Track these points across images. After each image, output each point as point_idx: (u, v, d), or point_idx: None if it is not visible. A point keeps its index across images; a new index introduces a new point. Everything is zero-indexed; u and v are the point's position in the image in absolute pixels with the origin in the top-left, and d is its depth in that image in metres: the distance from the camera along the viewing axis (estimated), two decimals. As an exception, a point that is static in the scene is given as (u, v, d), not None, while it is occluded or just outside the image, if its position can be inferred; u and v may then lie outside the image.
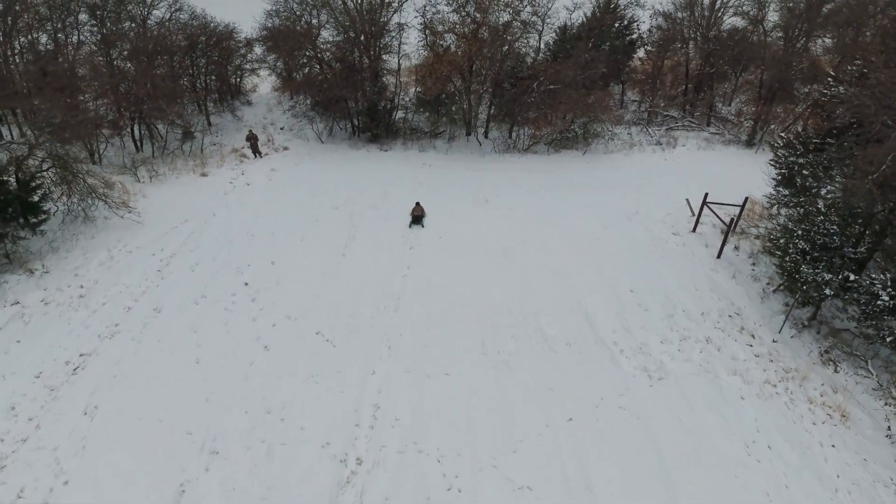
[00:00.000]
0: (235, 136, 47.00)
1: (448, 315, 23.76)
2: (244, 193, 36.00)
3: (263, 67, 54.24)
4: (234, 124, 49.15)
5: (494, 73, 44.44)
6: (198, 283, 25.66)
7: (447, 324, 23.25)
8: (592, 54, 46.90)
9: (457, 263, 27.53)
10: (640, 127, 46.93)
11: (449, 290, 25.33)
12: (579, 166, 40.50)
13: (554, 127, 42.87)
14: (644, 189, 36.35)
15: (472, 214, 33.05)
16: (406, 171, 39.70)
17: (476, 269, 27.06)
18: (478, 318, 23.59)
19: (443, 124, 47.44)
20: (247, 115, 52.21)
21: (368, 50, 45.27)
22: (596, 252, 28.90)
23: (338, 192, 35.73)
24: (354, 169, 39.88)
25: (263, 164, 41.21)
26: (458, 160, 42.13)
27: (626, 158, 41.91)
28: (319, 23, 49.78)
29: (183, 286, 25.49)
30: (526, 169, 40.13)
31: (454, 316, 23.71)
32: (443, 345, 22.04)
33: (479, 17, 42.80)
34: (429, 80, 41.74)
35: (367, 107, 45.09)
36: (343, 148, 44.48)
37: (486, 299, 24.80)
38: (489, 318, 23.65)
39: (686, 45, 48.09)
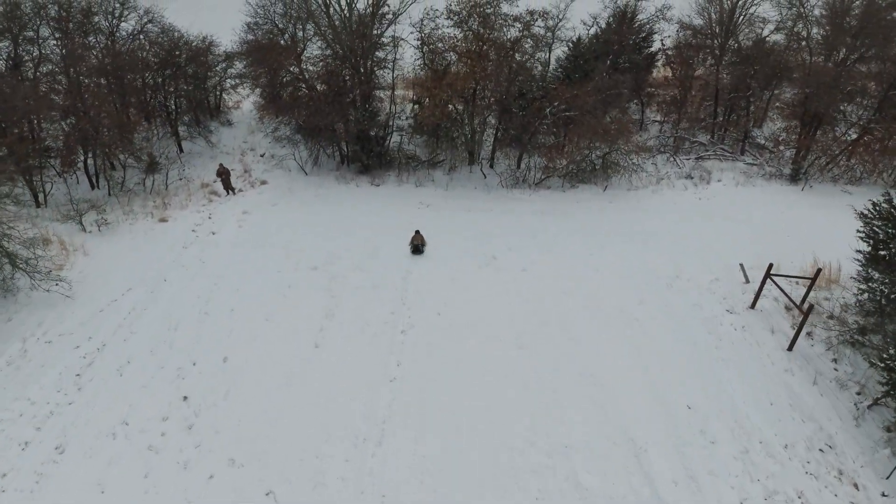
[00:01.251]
0: (209, 164, 40.46)
1: (447, 453, 17.31)
2: (207, 247, 29.47)
3: (244, 85, 47.47)
4: (209, 151, 42.54)
5: (501, 95, 37.74)
6: (121, 400, 19.18)
7: (445, 469, 16.79)
8: (612, 75, 40.21)
9: (460, 363, 21.02)
10: (667, 155, 40.24)
11: (449, 410, 18.86)
12: (600, 207, 33.90)
13: (569, 158, 36.21)
14: (681, 240, 29.78)
15: (478, 278, 26.54)
16: (400, 213, 33.13)
17: (485, 372, 20.56)
18: (489, 459, 17.12)
19: (442, 152, 40.80)
20: (225, 138, 45.60)
21: (358, 69, 38.57)
22: (635, 340, 22.39)
23: (318, 246, 29.18)
24: (340, 211, 33.32)
25: (235, 203, 34.64)
26: (461, 198, 35.56)
27: (653, 196, 35.30)
28: (305, 36, 42.95)
29: (102, 404, 19.02)
30: (539, 211, 33.55)
31: (456, 454, 17.26)
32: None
33: (485, 33, 36.09)
34: (426, 108, 35.07)
35: (357, 134, 38.42)
36: (329, 181, 37.90)
37: (499, 426, 18.34)
38: (504, 459, 17.17)
39: (717, 63, 41.25)
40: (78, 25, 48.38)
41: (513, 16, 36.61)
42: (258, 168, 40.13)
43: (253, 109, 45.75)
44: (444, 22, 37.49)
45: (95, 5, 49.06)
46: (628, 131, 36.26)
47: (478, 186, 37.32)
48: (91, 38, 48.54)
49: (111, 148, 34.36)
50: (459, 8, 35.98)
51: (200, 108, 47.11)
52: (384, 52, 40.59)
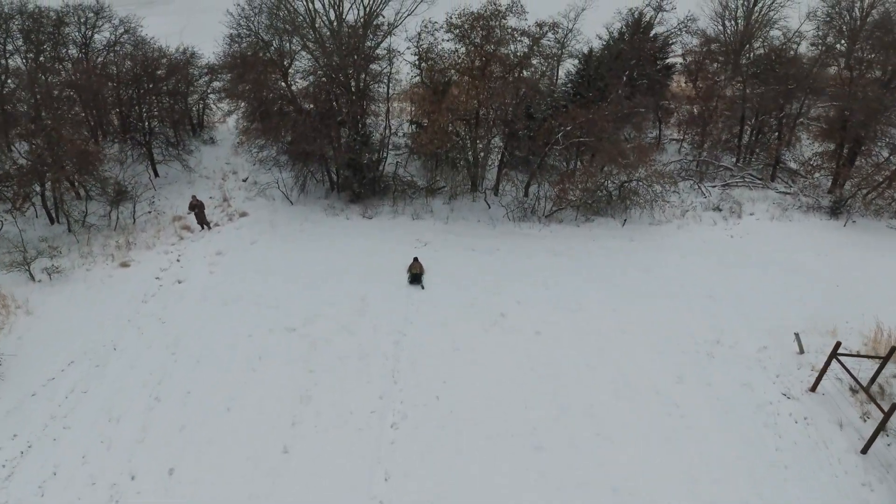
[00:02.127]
0: (185, 191, 36.15)
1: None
2: (170, 301, 25.16)
3: (225, 103, 42.99)
4: (186, 175, 38.13)
5: (507, 117, 33.34)
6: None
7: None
8: (628, 92, 35.77)
9: (462, 474, 16.71)
10: (691, 182, 35.83)
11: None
12: (620, 246, 29.55)
13: (582, 186, 31.79)
14: (718, 292, 25.48)
15: (484, 344, 22.25)
16: (394, 253, 28.80)
17: (494, 489, 16.21)
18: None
19: (442, 177, 36.42)
20: (206, 159, 41.27)
21: (348, 87, 34.15)
22: (677, 437, 18.13)
23: (298, 299, 24.90)
24: (326, 251, 29.00)
25: (209, 241, 30.29)
26: (463, 234, 31.18)
27: (679, 233, 30.93)
28: (292, 49, 38.48)
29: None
30: (551, 250, 29.19)
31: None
32: None
33: (489, 49, 31.65)
34: (424, 135, 30.68)
35: (348, 160, 34.04)
36: (317, 212, 33.52)
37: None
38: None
39: (743, 78, 36.73)
40: (48, 37, 44.06)
41: (520, 30, 32.12)
42: (239, 196, 35.74)
43: (237, 127, 41.19)
44: (443, 35, 33.09)
45: (68, 15, 44.72)
46: (649, 158, 31.80)
47: (481, 219, 32.95)
48: (62, 49, 44.22)
49: (72, 178, 30.02)
50: (461, 21, 31.55)
51: (181, 126, 42.79)
52: (379, 66, 36.21)
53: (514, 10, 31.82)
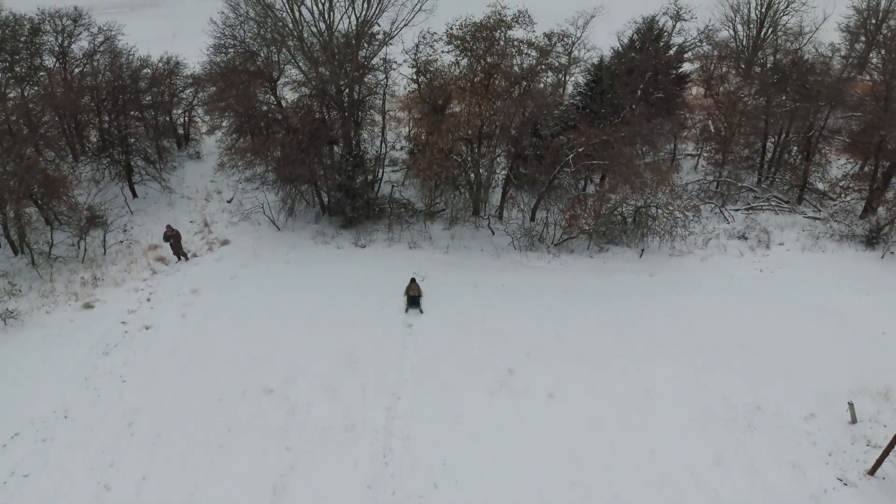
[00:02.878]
0: (164, 214, 33.10)
1: None
2: (134, 353, 22.10)
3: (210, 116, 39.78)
4: (166, 196, 34.97)
5: (513, 135, 30.19)
6: None
7: None
8: (643, 108, 32.58)
9: None
10: (712, 206, 32.65)
11: None
12: (638, 282, 26.45)
13: (596, 212, 28.61)
14: (753, 345, 22.40)
15: (489, 413, 19.19)
16: (390, 289, 25.85)
17: None
18: None
19: (441, 199, 33.23)
20: (189, 176, 38.13)
21: (340, 104, 30.97)
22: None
23: (279, 351, 21.83)
24: (313, 288, 25.93)
25: (185, 277, 27.18)
26: (464, 266, 28.09)
27: (703, 266, 27.81)
28: (281, 59, 35.07)
29: None
30: (562, 288, 26.09)
31: None
32: None
33: (493, 61, 28.45)
34: (422, 159, 27.51)
35: (340, 183, 30.92)
36: (305, 240, 30.39)
37: None
38: None
39: (768, 95, 33.42)
40: (24, 45, 40.78)
41: (527, 41, 28.85)
42: (221, 220, 32.58)
43: (219, 145, 37.90)
44: (442, 47, 29.87)
45: (44, 23, 41.42)
46: (668, 181, 28.60)
47: (485, 248, 29.80)
48: (37, 59, 40.96)
49: (39, 203, 26.97)
50: (462, 32, 28.32)
51: (165, 140, 39.65)
52: (374, 77, 33.05)
53: (521, 20, 28.56)
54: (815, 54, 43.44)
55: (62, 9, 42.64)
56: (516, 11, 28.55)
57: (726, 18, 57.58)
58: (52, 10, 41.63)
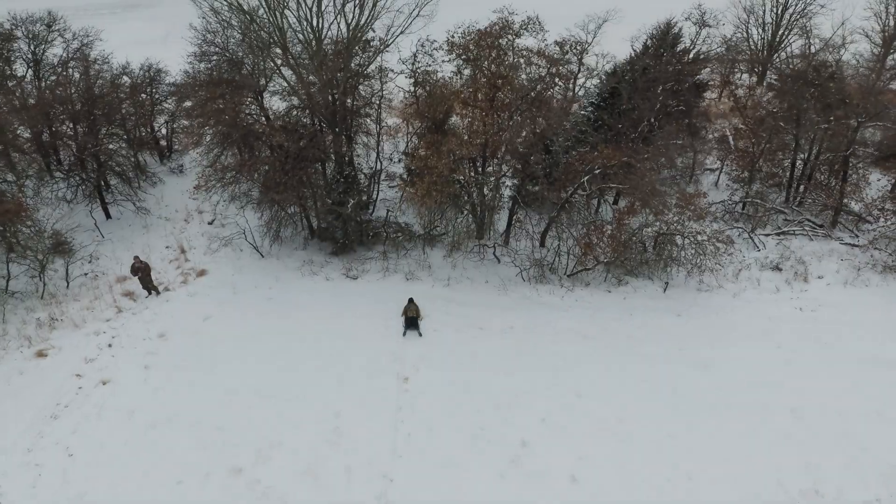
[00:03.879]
0: (138, 239, 29.93)
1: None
2: (86, 418, 18.86)
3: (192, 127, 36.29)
4: (141, 219, 31.59)
5: (521, 154, 26.80)
6: None
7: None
8: (662, 121, 29.21)
9: None
10: (739, 230, 29.24)
11: None
12: (665, 326, 23.09)
13: (615, 244, 25.22)
14: (803, 408, 19.09)
15: (499, 501, 15.68)
16: (384, 331, 22.52)
17: None
18: None
19: (442, 221, 29.80)
20: (170, 193, 34.82)
21: (332, 120, 27.59)
22: None
23: (253, 417, 18.48)
24: (296, 331, 22.65)
25: (153, 317, 23.86)
26: (467, 302, 24.76)
27: (736, 305, 24.43)
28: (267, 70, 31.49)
29: None
30: (578, 331, 22.75)
31: None
32: None
33: (498, 72, 25.02)
34: (420, 185, 24.10)
35: (330, 206, 27.57)
36: (290, 270, 27.05)
37: None
38: None
39: (799, 109, 29.86)
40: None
41: (537, 51, 25.40)
42: (200, 246, 29.22)
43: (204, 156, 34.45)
44: (443, 56, 26.49)
45: (17, 29, 38.00)
46: (697, 207, 25.20)
47: (490, 279, 26.45)
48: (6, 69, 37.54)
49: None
50: (464, 40, 24.91)
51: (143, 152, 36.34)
52: (369, 87, 29.75)
53: (530, 27, 25.13)
54: (838, 59, 40.05)
55: (35, 13, 39.26)
56: (525, 18, 25.11)
57: (739, 21, 54.17)
58: (24, 14, 38.25)
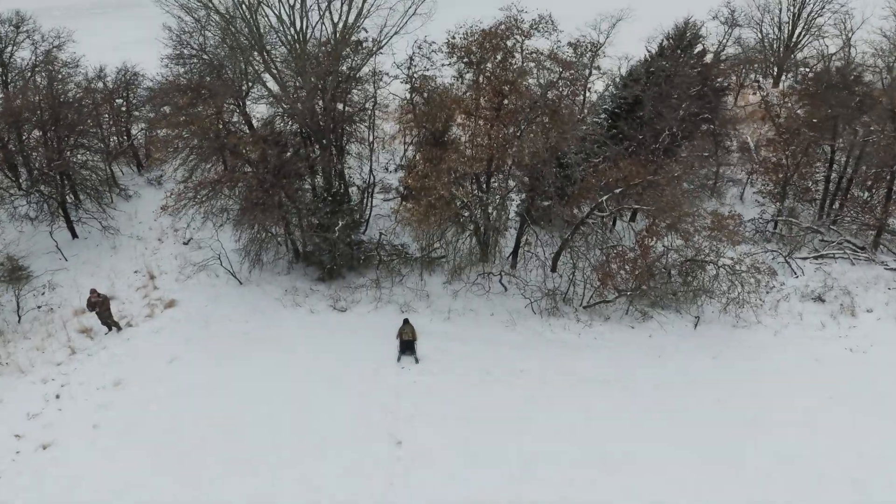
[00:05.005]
0: (105, 262, 26.64)
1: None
2: (23, 488, 15.81)
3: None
4: (108, 240, 28.31)
5: (530, 168, 23.53)
6: None
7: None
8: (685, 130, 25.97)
9: None
10: (774, 254, 25.96)
11: None
12: (699, 372, 19.93)
13: (640, 272, 21.94)
14: (867, 478, 15.76)
15: None
16: (372, 380, 19.09)
17: None
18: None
19: (442, 245, 26.44)
20: (144, 208, 31.52)
21: (318, 132, 24.36)
22: None
23: (213, 499, 15.04)
24: (272, 382, 19.31)
25: (111, 358, 20.71)
26: (471, 339, 21.59)
27: (778, 345, 21.27)
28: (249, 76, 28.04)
29: None
30: (599, 378, 19.56)
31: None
32: None
33: (504, 77, 21.74)
34: (417, 209, 20.82)
35: (317, 226, 24.32)
36: (271, 300, 23.80)
37: None
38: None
39: (835, 120, 26.52)
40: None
41: (549, 54, 22.09)
42: (172, 270, 25.98)
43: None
44: (442, 59, 23.23)
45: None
46: (732, 233, 21.93)
47: (496, 311, 23.20)
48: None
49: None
50: (466, 42, 21.61)
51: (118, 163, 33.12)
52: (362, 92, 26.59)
53: (541, 27, 21.85)
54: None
55: (2, 13, 36.00)
56: (536, 16, 21.82)
57: (753, 20, 50.90)
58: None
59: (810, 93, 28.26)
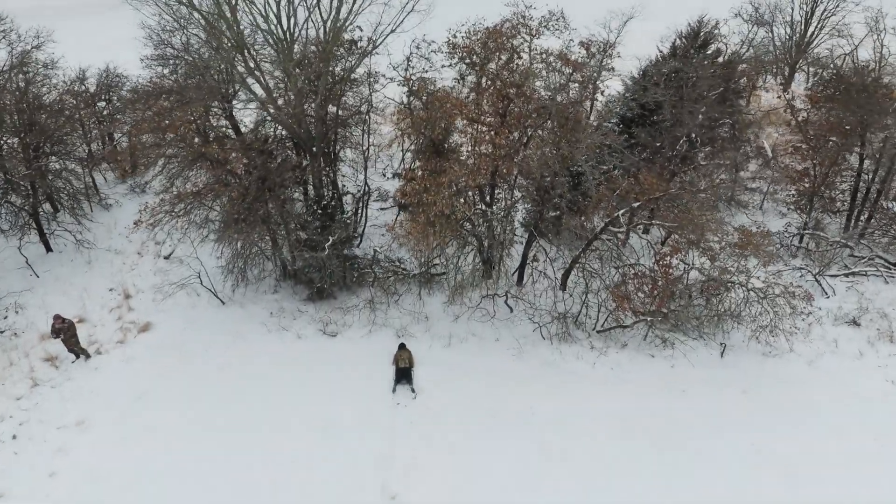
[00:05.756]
0: (78, 280, 24.47)
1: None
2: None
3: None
4: (83, 254, 26.12)
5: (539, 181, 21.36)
6: None
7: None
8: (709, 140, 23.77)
9: None
10: (802, 272, 23.77)
11: None
12: (728, 411, 17.82)
13: (663, 296, 19.72)
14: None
15: None
16: (363, 421, 16.90)
17: None
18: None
19: (442, 261, 24.21)
20: (125, 218, 29.11)
21: (310, 136, 22.20)
22: None
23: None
24: (250, 424, 17.12)
25: (77, 391, 18.64)
26: (474, 371, 19.45)
27: (814, 376, 19.14)
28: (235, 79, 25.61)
29: None
30: (617, 415, 17.40)
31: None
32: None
33: (510, 80, 19.53)
34: (414, 227, 18.64)
35: (306, 241, 22.11)
36: (255, 324, 21.64)
37: None
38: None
39: (862, 126, 24.30)
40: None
41: (559, 54, 19.87)
42: (148, 290, 23.80)
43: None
44: (442, 59, 21.02)
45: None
46: (763, 250, 19.73)
47: (502, 336, 21.05)
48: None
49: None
50: (468, 41, 19.39)
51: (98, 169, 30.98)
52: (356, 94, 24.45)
53: (551, 24, 19.65)
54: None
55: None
56: (546, 13, 19.60)
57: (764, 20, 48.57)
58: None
59: (831, 95, 26.04)
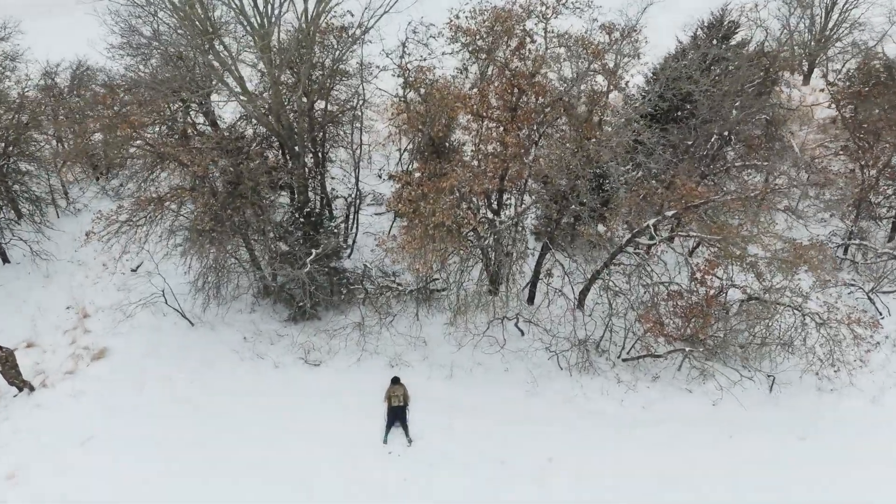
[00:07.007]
0: (31, 295, 21.58)
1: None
2: None
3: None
4: (40, 267, 23.00)
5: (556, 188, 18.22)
6: None
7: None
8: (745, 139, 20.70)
9: None
10: (852, 288, 20.65)
11: None
12: (785, 458, 14.86)
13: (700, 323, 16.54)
14: None
15: None
16: (346, 478, 13.87)
17: None
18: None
19: (442, 276, 20.91)
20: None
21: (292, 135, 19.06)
22: None
23: None
24: (212, 472, 14.01)
25: (12, 433, 15.80)
26: (481, 409, 16.42)
27: (878, 415, 16.18)
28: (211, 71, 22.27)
29: None
30: (653, 469, 14.52)
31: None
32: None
33: (524, 71, 16.35)
34: (410, 241, 15.51)
35: (283, 256, 18.96)
36: (225, 351, 18.57)
37: None
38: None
39: None
40: None
41: (575, 37, 16.76)
42: (108, 309, 20.56)
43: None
44: (443, 45, 17.91)
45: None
46: (820, 268, 16.61)
47: (512, 366, 17.98)
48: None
49: None
50: (473, 23, 16.25)
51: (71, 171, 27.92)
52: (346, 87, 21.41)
53: (570, 3, 16.53)
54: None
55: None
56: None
57: (779, 13, 45.47)
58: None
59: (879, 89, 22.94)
